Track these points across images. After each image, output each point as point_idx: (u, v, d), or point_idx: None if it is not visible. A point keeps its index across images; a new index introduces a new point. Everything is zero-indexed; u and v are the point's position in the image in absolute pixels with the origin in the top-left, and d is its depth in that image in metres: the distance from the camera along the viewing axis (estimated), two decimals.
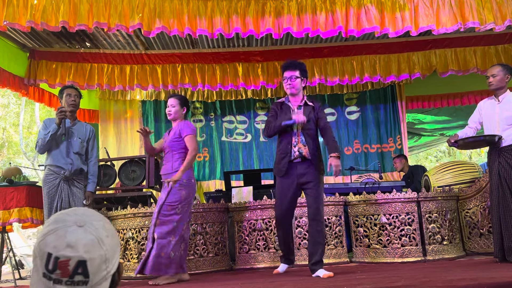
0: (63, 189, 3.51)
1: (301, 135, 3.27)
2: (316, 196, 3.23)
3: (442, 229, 4.04)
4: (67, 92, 3.68)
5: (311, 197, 3.24)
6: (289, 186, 3.28)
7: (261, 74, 6.05)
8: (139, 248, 4.01)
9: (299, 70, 3.31)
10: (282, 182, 3.32)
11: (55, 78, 5.73)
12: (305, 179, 3.25)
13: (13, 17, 4.11)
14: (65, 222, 0.88)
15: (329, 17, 4.49)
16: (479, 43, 5.91)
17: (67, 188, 3.52)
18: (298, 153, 3.25)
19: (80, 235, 0.86)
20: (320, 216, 3.23)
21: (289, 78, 3.30)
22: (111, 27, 4.29)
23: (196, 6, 4.43)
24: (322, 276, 3.04)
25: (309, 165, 3.25)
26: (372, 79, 6.10)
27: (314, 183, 3.24)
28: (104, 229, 0.91)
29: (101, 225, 0.91)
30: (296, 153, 3.25)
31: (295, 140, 3.27)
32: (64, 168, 3.51)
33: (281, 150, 3.31)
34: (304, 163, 3.26)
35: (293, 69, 3.31)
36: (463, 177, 4.69)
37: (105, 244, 0.88)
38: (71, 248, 0.84)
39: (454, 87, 7.07)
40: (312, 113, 3.31)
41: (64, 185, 3.52)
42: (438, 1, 4.48)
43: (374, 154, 7.13)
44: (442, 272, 2.93)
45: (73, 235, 0.85)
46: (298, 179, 3.26)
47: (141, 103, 7.25)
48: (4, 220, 4.13)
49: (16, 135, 15.26)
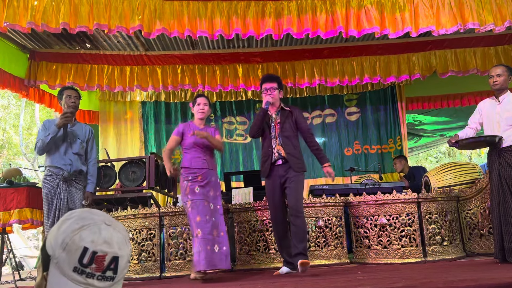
0: (62, 190, 3.51)
1: (279, 137, 3.55)
2: (295, 191, 3.43)
3: (443, 230, 4.04)
4: (66, 93, 3.68)
5: (289, 194, 3.46)
6: (274, 187, 3.53)
7: (261, 75, 6.05)
8: (139, 249, 4.01)
9: (277, 82, 3.64)
10: (268, 183, 3.59)
11: (55, 79, 5.74)
12: (284, 179, 3.49)
13: (13, 18, 4.11)
14: (94, 220, 0.91)
15: (329, 18, 4.50)
16: (479, 44, 5.92)
17: (66, 189, 3.52)
18: (278, 155, 3.51)
19: (112, 233, 0.90)
20: (299, 212, 3.41)
21: (268, 89, 3.60)
22: (111, 29, 4.30)
23: (196, 8, 4.43)
24: (298, 264, 3.20)
25: (289, 166, 3.49)
26: (372, 80, 6.11)
27: (292, 180, 3.45)
28: (124, 231, 0.96)
29: (121, 227, 0.96)
30: (275, 154, 3.52)
31: (273, 142, 3.56)
32: (63, 169, 3.51)
33: (263, 153, 3.61)
34: (284, 165, 3.50)
35: (272, 82, 3.63)
36: (463, 178, 4.69)
37: (129, 244, 0.94)
38: (108, 244, 0.88)
39: (454, 88, 7.07)
40: (289, 117, 3.60)
41: (63, 186, 3.52)
42: (438, 2, 4.48)
43: (374, 155, 7.13)
44: (443, 273, 2.93)
45: (107, 232, 0.89)
46: (280, 179, 3.50)
47: (141, 104, 7.25)
48: (4, 221, 4.13)
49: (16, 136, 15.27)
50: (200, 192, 3.43)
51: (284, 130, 3.54)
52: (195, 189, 3.43)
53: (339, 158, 7.18)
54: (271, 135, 3.57)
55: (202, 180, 3.46)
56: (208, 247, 3.26)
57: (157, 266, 3.99)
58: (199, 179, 3.46)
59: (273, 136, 3.56)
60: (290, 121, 3.58)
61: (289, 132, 3.55)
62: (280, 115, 3.62)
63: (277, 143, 3.53)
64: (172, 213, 4.06)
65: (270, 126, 3.60)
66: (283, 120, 3.57)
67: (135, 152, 6.94)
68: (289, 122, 3.58)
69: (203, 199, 3.41)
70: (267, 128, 3.61)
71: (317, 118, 7.37)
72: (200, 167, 3.50)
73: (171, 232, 4.04)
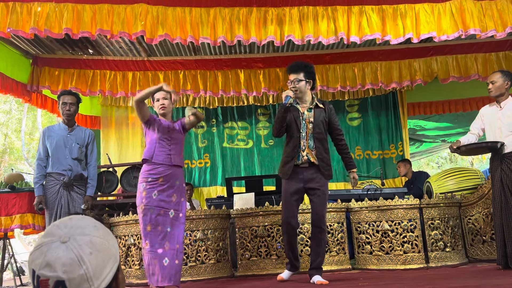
0: (62, 195, 3.53)
1: (309, 139, 3.19)
2: (323, 203, 3.22)
3: (445, 236, 4.03)
4: (62, 100, 3.69)
5: (317, 204, 3.20)
6: (296, 189, 3.21)
7: (263, 81, 6.07)
8: (140, 255, 4.01)
9: (303, 72, 3.22)
10: (288, 184, 3.24)
11: (57, 85, 5.76)
12: (312, 185, 3.20)
13: (16, 24, 4.14)
14: (51, 237, 0.87)
15: (331, 25, 4.51)
16: (480, 50, 5.93)
17: (67, 194, 3.53)
18: (306, 158, 3.18)
19: (61, 253, 0.84)
20: (323, 224, 3.24)
21: (292, 81, 3.21)
22: (114, 34, 4.32)
23: (199, 14, 4.45)
24: (316, 283, 3.05)
25: (316, 170, 3.20)
26: (373, 85, 6.12)
27: (321, 190, 3.20)
28: (89, 245, 0.87)
29: (86, 241, 0.87)
30: (304, 157, 3.18)
31: (303, 144, 3.19)
32: (63, 174, 3.53)
33: (287, 153, 3.25)
34: (311, 168, 3.19)
35: (297, 72, 3.22)
36: (466, 183, 4.68)
37: (86, 262, 0.85)
38: (50, 267, 0.83)
39: (455, 93, 7.07)
40: (322, 114, 3.23)
41: (64, 191, 3.53)
42: (439, 9, 4.50)
43: (376, 161, 7.12)
44: (445, 279, 2.92)
45: (54, 253, 0.84)
46: (305, 183, 3.20)
47: None
48: (6, 226, 4.13)
49: (18, 142, 15.29)
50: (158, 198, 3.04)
51: (316, 132, 3.18)
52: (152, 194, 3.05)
53: (341, 163, 7.15)
54: (300, 134, 3.18)
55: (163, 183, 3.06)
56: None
57: None
58: (160, 181, 3.06)
59: (303, 137, 3.17)
60: (323, 120, 3.20)
61: (322, 134, 3.20)
62: (313, 112, 3.22)
63: (306, 146, 3.18)
64: None
65: (299, 124, 3.19)
66: (317, 118, 3.18)
67: (136, 157, 6.94)
68: (322, 121, 3.20)
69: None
70: (295, 126, 3.19)
71: None
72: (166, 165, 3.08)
73: None
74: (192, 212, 4.06)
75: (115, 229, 4.19)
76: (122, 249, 4.08)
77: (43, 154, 3.64)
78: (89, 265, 0.85)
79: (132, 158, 6.89)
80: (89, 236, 0.88)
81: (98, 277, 0.86)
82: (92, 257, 0.86)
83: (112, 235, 0.96)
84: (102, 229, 0.93)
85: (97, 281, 0.86)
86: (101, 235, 0.90)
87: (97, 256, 0.87)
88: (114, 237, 0.97)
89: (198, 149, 7.26)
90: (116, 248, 0.94)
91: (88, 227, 0.90)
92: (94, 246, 0.87)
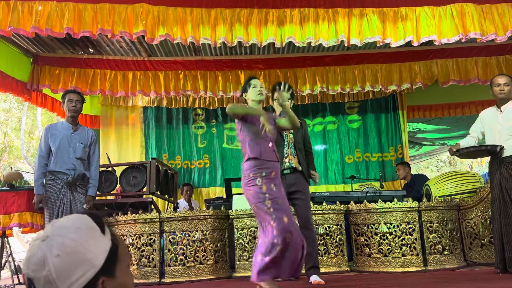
0: (65, 195, 3.51)
1: (291, 147, 3.48)
2: (306, 204, 3.39)
3: (443, 239, 4.03)
4: (68, 97, 3.68)
5: (301, 206, 3.38)
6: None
7: (263, 82, 6.07)
8: (139, 254, 4.00)
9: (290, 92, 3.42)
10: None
11: (57, 84, 5.77)
12: (294, 188, 3.39)
13: (17, 23, 4.14)
14: (41, 234, 0.89)
15: (332, 27, 4.52)
16: (481, 53, 5.94)
17: (70, 194, 3.51)
18: (288, 164, 3.43)
19: (35, 251, 0.85)
20: (310, 224, 3.37)
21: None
22: (115, 34, 4.32)
23: (200, 15, 4.46)
24: (313, 282, 3.14)
25: (298, 175, 3.43)
26: (373, 88, 6.13)
27: (303, 192, 3.39)
28: (59, 247, 0.84)
29: (58, 242, 0.85)
30: (286, 164, 3.43)
31: (286, 152, 3.47)
32: (67, 174, 3.51)
33: None
34: (293, 174, 3.43)
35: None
36: (464, 187, 4.69)
37: (49, 264, 0.83)
38: (26, 264, 0.86)
39: (455, 97, 7.09)
40: (301, 129, 3.57)
41: (67, 190, 3.52)
42: (440, 12, 4.51)
43: (375, 163, 7.12)
44: (443, 282, 2.92)
45: (32, 250, 0.86)
46: (288, 188, 3.37)
47: (142, 109, 7.26)
48: (4, 225, 4.12)
49: (18, 140, 15.29)
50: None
51: (297, 142, 3.52)
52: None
53: (340, 166, 7.17)
54: (283, 144, 3.47)
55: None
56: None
57: (156, 272, 3.98)
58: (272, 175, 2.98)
59: (285, 146, 3.48)
60: (301, 133, 3.57)
61: (300, 144, 3.54)
62: None
63: (289, 153, 3.47)
64: (173, 219, 4.05)
65: (281, 134, 3.48)
66: (296, 130, 3.49)
67: (136, 157, 6.94)
68: (300, 133, 3.56)
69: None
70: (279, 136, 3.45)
71: (318, 125, 7.37)
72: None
73: (171, 238, 4.03)
74: (191, 212, 4.06)
75: (113, 229, 4.18)
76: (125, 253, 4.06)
77: (45, 151, 3.61)
78: (52, 267, 0.83)
79: (131, 157, 6.89)
80: (63, 238, 0.86)
81: (64, 280, 0.83)
82: (58, 259, 0.83)
83: (98, 239, 0.90)
84: (85, 232, 0.88)
85: (62, 284, 0.83)
86: (77, 238, 0.87)
87: (65, 259, 0.84)
88: (105, 241, 0.91)
89: (197, 149, 7.26)
90: (96, 253, 0.88)
91: (70, 228, 0.88)
92: (64, 248, 0.85)
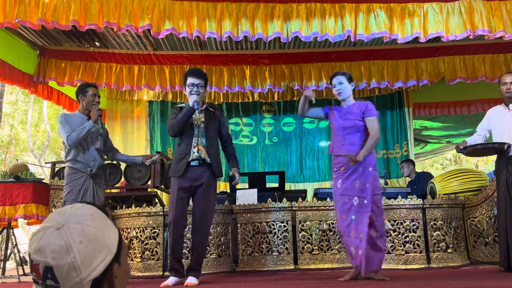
0: (88, 188, 3.45)
1: (202, 136, 3.30)
2: (205, 201, 3.23)
3: (447, 237, 4.02)
4: (93, 91, 3.55)
5: (198, 204, 3.24)
6: (185, 188, 3.24)
7: (268, 77, 6.06)
8: (142, 247, 4.02)
9: (204, 80, 3.36)
10: (178, 183, 3.24)
11: (63, 76, 5.79)
12: (198, 182, 3.24)
13: (24, 15, 4.15)
14: (50, 223, 0.88)
15: (338, 22, 4.49)
16: (488, 51, 5.88)
17: (93, 186, 3.50)
18: (197, 155, 3.25)
19: (52, 240, 0.84)
20: (206, 226, 3.26)
21: (196, 85, 3.30)
22: (120, 27, 4.32)
23: (206, 9, 4.45)
24: (185, 284, 3.08)
25: (206, 169, 3.27)
26: (379, 84, 6.09)
27: (206, 187, 3.24)
28: (81, 234, 0.86)
29: (78, 229, 0.86)
30: (195, 154, 3.25)
31: (195, 142, 3.28)
32: (89, 165, 3.50)
33: (180, 151, 3.29)
34: (201, 167, 3.26)
35: (200, 78, 3.33)
36: (470, 185, 4.66)
37: (74, 251, 0.84)
38: (40, 252, 0.84)
39: (462, 94, 7.03)
40: (213, 119, 3.40)
41: (90, 182, 3.49)
42: (447, 8, 4.47)
43: (380, 160, 7.08)
44: (446, 280, 2.91)
45: (47, 239, 0.85)
46: (193, 182, 3.23)
47: (148, 103, 7.27)
48: (10, 216, 4.16)
49: (24, 133, 15.39)
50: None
51: (208, 131, 3.34)
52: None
53: None
54: (192, 133, 3.30)
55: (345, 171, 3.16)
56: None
57: (159, 265, 4.00)
58: (342, 170, 3.18)
59: (195, 135, 3.29)
60: (214, 123, 3.40)
61: (213, 134, 3.37)
62: (204, 114, 3.38)
63: (198, 143, 3.28)
64: None
65: (192, 123, 3.32)
66: (208, 120, 3.36)
67: (140, 151, 6.96)
68: (213, 123, 3.39)
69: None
70: (188, 125, 3.31)
71: (324, 121, 7.34)
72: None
73: None
74: None
75: (117, 222, 4.20)
76: (124, 242, 4.09)
77: (73, 128, 3.45)
78: (77, 254, 0.84)
79: (136, 151, 6.91)
80: (82, 225, 0.87)
81: (87, 267, 0.85)
82: (82, 246, 0.85)
83: (111, 226, 0.94)
84: (100, 219, 0.91)
85: (85, 270, 0.85)
86: (95, 225, 0.89)
87: (87, 245, 0.86)
88: (114, 228, 0.95)
89: None
90: (112, 239, 0.92)
91: (84, 216, 0.89)
92: (86, 235, 0.87)
